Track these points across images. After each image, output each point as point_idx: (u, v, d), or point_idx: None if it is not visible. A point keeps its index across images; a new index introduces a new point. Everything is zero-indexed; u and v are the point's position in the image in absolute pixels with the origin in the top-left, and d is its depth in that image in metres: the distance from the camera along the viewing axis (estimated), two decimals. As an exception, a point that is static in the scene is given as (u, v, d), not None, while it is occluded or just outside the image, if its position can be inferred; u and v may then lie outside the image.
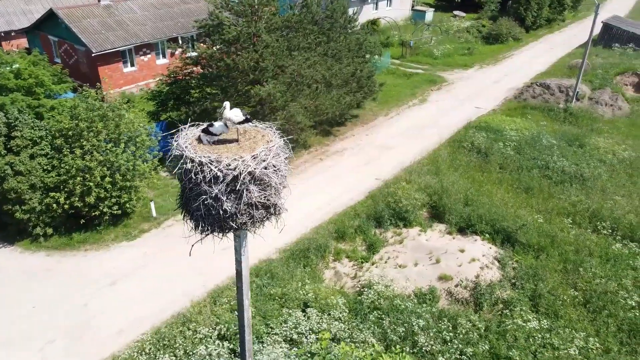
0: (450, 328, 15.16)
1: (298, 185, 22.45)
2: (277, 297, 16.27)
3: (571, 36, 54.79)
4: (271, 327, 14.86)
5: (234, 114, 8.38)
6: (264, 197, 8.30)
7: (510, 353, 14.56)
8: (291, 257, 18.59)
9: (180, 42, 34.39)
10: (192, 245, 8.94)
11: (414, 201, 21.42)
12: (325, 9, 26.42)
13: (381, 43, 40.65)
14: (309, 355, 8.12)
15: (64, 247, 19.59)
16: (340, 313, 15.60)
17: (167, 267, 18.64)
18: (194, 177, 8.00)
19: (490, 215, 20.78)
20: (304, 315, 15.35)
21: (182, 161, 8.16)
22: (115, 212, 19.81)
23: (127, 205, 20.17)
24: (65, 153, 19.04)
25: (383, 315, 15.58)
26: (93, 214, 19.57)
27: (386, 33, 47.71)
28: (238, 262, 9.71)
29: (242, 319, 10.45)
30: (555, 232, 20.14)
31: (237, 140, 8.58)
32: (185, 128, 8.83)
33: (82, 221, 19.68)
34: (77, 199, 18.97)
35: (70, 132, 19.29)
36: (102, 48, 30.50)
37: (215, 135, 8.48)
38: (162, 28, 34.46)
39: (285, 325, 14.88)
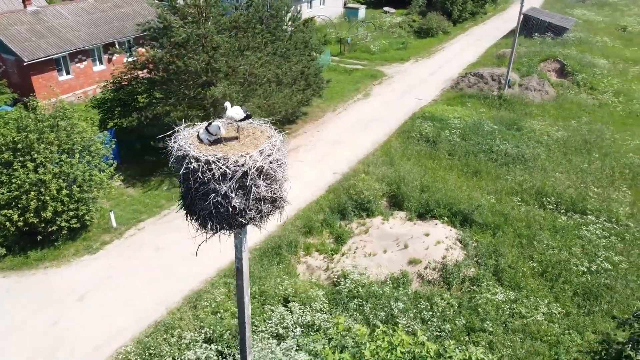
0: (429, 307, 15.91)
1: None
2: (256, 295, 16.34)
3: (494, 28, 57.96)
4: (256, 325, 14.94)
5: (235, 112, 8.48)
6: (271, 191, 8.49)
7: (485, 325, 15.52)
8: (264, 255, 18.69)
9: (117, 46, 33.38)
10: (199, 245, 8.96)
11: (374, 191, 22.12)
12: (270, 9, 26.54)
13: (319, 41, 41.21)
14: (326, 340, 8.38)
15: (20, 266, 18.55)
16: (321, 304, 15.94)
17: (135, 276, 18.18)
18: (201, 177, 8.05)
19: (447, 199, 21.85)
20: (287, 310, 15.56)
21: (186, 162, 8.17)
22: (74, 225, 19.00)
23: (86, 217, 19.41)
24: (15, 167, 18.03)
25: (363, 302, 16.09)
26: (50, 229, 18.67)
27: (323, 31, 48.37)
28: (238, 260, 9.78)
29: (243, 316, 10.52)
30: (507, 211, 21.52)
31: (237, 138, 8.68)
32: (181, 129, 8.83)
33: (39, 238, 18.72)
34: (32, 214, 18.03)
35: (19, 145, 18.28)
36: (34, 56, 28.91)
37: (215, 134, 8.52)
38: (97, 33, 33.13)
39: (269, 322, 15.02)
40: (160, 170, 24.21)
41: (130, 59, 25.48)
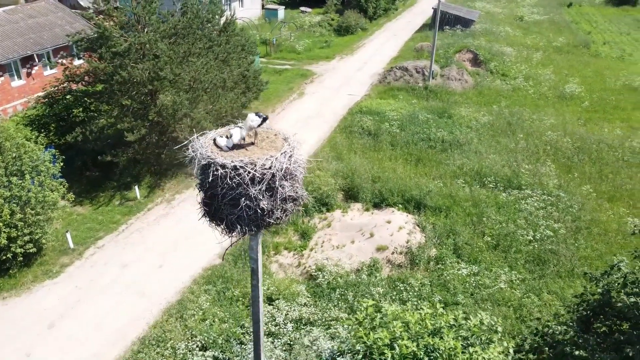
0: (407, 289, 16.97)
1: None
2: (239, 298, 16.53)
3: (406, 23, 60.95)
4: (246, 327, 15.17)
5: (251, 119, 8.79)
6: (294, 190, 8.94)
7: (457, 298, 16.84)
8: (238, 259, 18.84)
9: (37, 59, 31.52)
10: (226, 250, 9.21)
11: (331, 186, 22.89)
12: (205, 13, 26.35)
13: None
14: (358, 324, 8.97)
15: (-26, 300, 17.33)
16: (305, 299, 16.46)
17: (106, 296, 17.63)
18: (229, 182, 8.33)
19: (398, 187, 23.11)
20: (274, 308, 15.92)
21: (212, 169, 8.40)
22: (29, 250, 18.00)
23: (42, 240, 18.46)
24: (-40, 195, 16.78)
25: (344, 291, 16.81)
26: (4, 257, 17.57)
27: (247, 33, 48.28)
28: (254, 260, 10.11)
29: (257, 315, 10.85)
30: (454, 193, 23.18)
31: (253, 143, 9.01)
32: (196, 138, 9.00)
33: (-6, 267, 17.59)
34: (-17, 243, 16.90)
35: (-40, 171, 17.03)
36: (-55, 74, 26.64)
37: (234, 141, 8.78)
38: (12, 46, 30.96)
39: (260, 321, 15.29)
40: (108, 185, 23.46)
41: (53, 71, 24.19)
